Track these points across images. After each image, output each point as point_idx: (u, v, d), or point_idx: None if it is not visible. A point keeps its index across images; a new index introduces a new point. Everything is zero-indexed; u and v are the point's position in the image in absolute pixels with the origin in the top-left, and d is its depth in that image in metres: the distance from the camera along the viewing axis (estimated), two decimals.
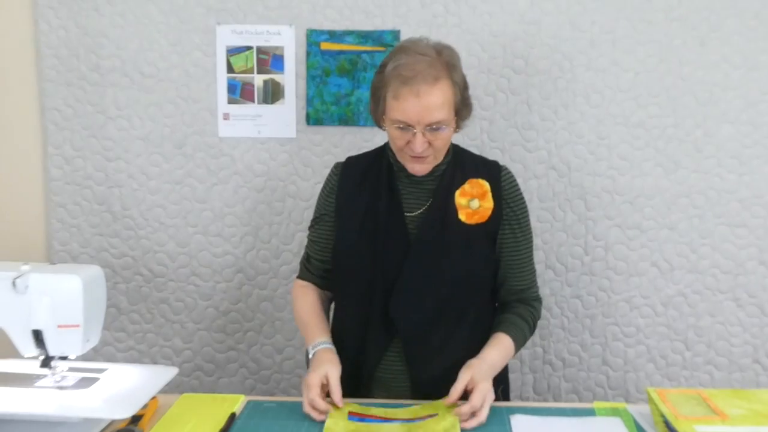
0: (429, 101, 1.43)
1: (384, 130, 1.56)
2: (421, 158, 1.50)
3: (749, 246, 2.09)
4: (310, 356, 1.52)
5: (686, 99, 2.06)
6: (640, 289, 2.13)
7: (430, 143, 1.47)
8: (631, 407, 1.47)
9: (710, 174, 2.08)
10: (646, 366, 2.15)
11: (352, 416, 1.39)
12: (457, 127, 1.54)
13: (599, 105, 2.07)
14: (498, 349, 1.52)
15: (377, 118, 1.57)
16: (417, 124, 1.44)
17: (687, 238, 2.10)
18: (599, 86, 2.06)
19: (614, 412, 1.45)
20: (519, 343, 1.57)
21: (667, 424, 1.33)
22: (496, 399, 1.60)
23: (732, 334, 2.13)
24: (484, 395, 1.39)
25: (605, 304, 2.14)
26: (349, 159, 1.69)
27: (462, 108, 1.52)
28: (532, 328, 1.62)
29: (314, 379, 1.43)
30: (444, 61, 1.47)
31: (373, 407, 1.44)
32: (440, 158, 1.55)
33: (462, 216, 1.55)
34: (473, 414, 1.37)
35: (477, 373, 1.43)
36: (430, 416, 1.38)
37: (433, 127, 1.45)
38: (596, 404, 1.49)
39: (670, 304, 2.12)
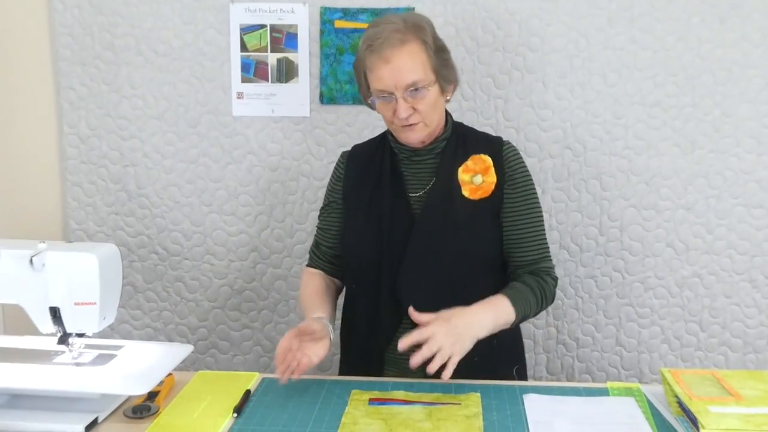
0: (399, 64, 1.46)
1: (375, 109, 1.59)
2: (410, 125, 1.51)
3: (766, 227, 2.07)
4: None
5: (704, 78, 2.03)
6: (655, 269, 2.12)
7: (414, 108, 1.49)
8: (645, 387, 1.47)
9: (728, 154, 2.05)
10: (660, 347, 2.15)
11: (373, 401, 1.40)
12: (444, 90, 1.55)
13: (616, 84, 2.05)
14: (485, 307, 1.44)
15: (365, 98, 1.60)
16: (395, 89, 1.47)
17: (703, 218, 2.08)
18: (616, 65, 2.04)
19: (628, 392, 1.45)
20: (519, 307, 1.47)
21: (680, 404, 1.33)
22: (512, 378, 1.61)
23: (747, 316, 2.11)
24: (435, 336, 1.33)
25: (620, 285, 2.13)
26: (355, 147, 1.72)
27: (441, 69, 1.52)
28: (541, 299, 1.53)
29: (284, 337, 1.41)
30: (410, 25, 1.49)
31: (394, 391, 1.44)
32: (432, 125, 1.54)
33: (465, 192, 1.55)
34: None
35: (441, 319, 1.37)
36: (453, 403, 1.39)
37: (412, 89, 1.47)
38: (610, 384, 1.49)
39: (686, 285, 2.11)
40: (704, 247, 2.09)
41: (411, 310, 1.40)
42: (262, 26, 2.10)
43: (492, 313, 1.45)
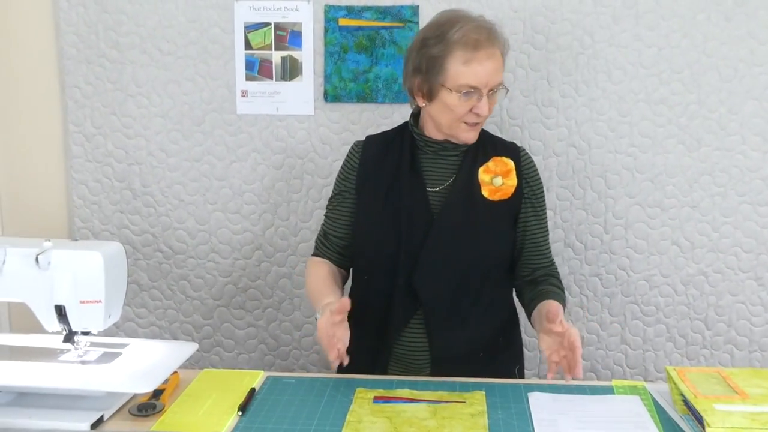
0: (497, 64, 1.51)
1: (422, 106, 1.57)
2: (477, 124, 1.55)
3: None
4: (318, 317, 1.47)
5: (710, 75, 2.02)
6: (660, 267, 2.11)
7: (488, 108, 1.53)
8: (650, 386, 1.47)
9: (733, 152, 2.05)
10: (665, 345, 2.15)
11: (378, 400, 1.40)
12: None
13: (621, 81, 2.04)
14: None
15: (430, 90, 1.53)
16: (485, 86, 1.49)
17: (709, 216, 2.08)
18: (621, 62, 2.03)
19: (633, 391, 1.45)
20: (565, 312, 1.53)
21: (686, 402, 1.33)
22: (512, 377, 1.62)
23: (753, 314, 2.11)
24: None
25: (624, 283, 2.13)
26: (369, 138, 1.71)
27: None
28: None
29: (323, 321, 1.39)
30: (497, 30, 1.54)
31: (399, 389, 1.45)
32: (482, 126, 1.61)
33: (485, 192, 1.57)
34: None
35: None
36: (457, 402, 1.39)
37: (493, 90, 1.52)
38: (615, 382, 1.49)
39: (691, 283, 2.11)
40: (710, 245, 2.09)
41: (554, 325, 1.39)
42: (267, 24, 2.10)
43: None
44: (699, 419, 1.26)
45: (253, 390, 1.43)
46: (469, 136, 1.56)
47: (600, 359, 2.17)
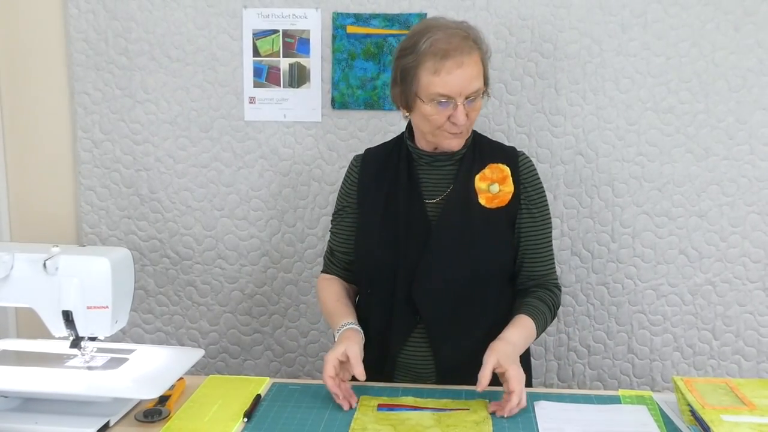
0: (470, 72, 1.47)
1: (406, 117, 1.57)
2: (460, 132, 1.53)
3: None
4: (336, 339, 1.52)
5: (718, 84, 2.02)
6: (668, 277, 2.10)
7: (467, 115, 1.50)
8: (657, 396, 1.47)
9: (742, 161, 2.04)
10: (672, 355, 2.13)
11: (382, 407, 1.40)
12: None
13: (629, 90, 2.04)
14: (519, 330, 1.50)
15: (407, 100, 1.53)
16: (459, 95, 1.47)
17: (717, 226, 2.07)
18: (629, 71, 2.03)
19: (640, 400, 1.44)
20: (540, 327, 1.54)
21: (693, 413, 1.32)
22: None
23: (761, 324, 2.10)
24: (521, 380, 1.38)
25: (632, 292, 2.12)
26: (368, 151, 1.71)
27: (487, 79, 1.56)
28: (553, 313, 1.60)
29: (328, 357, 1.43)
30: (473, 34, 1.51)
31: (403, 396, 1.44)
32: (469, 133, 1.58)
33: (482, 200, 1.56)
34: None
35: (503, 357, 1.40)
36: (462, 409, 1.39)
37: (471, 98, 1.49)
38: (621, 392, 1.48)
39: (698, 293, 2.10)
40: (717, 254, 2.08)
41: (479, 387, 1.40)
42: (275, 31, 2.10)
43: (525, 338, 1.51)
44: (706, 430, 1.25)
45: (258, 396, 1.43)
46: (453, 144, 1.55)
47: (607, 369, 2.16)
